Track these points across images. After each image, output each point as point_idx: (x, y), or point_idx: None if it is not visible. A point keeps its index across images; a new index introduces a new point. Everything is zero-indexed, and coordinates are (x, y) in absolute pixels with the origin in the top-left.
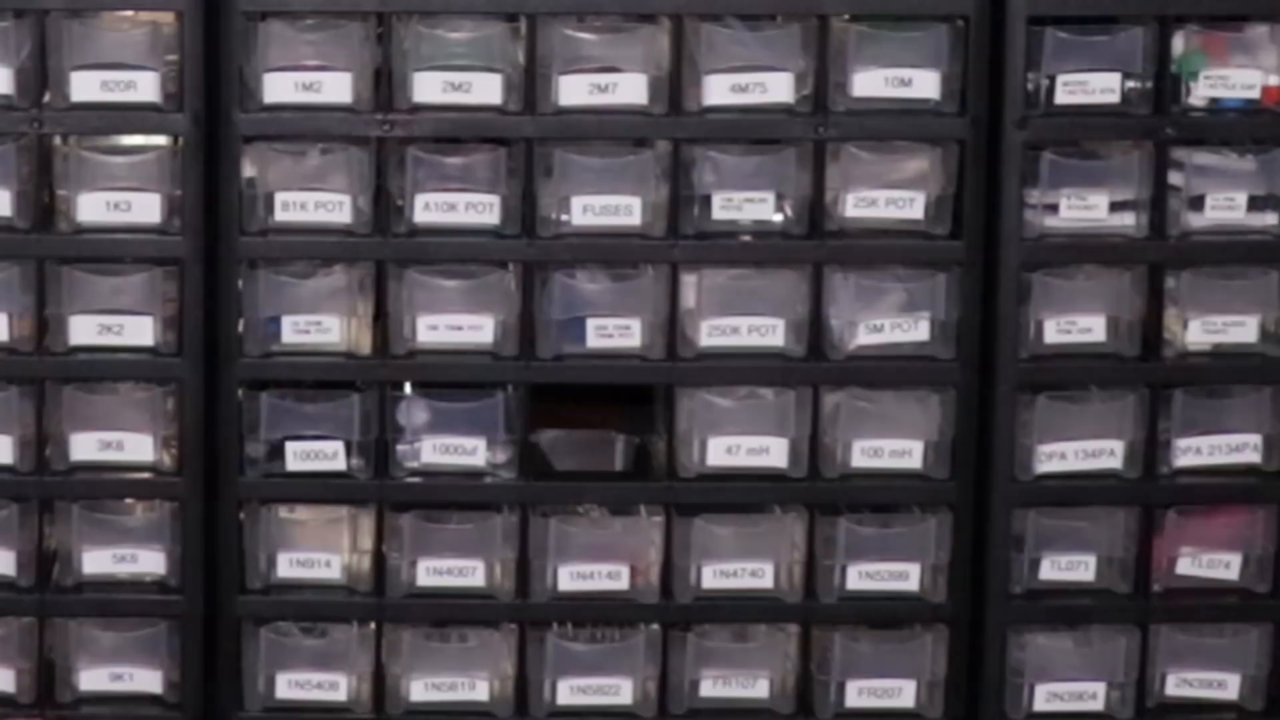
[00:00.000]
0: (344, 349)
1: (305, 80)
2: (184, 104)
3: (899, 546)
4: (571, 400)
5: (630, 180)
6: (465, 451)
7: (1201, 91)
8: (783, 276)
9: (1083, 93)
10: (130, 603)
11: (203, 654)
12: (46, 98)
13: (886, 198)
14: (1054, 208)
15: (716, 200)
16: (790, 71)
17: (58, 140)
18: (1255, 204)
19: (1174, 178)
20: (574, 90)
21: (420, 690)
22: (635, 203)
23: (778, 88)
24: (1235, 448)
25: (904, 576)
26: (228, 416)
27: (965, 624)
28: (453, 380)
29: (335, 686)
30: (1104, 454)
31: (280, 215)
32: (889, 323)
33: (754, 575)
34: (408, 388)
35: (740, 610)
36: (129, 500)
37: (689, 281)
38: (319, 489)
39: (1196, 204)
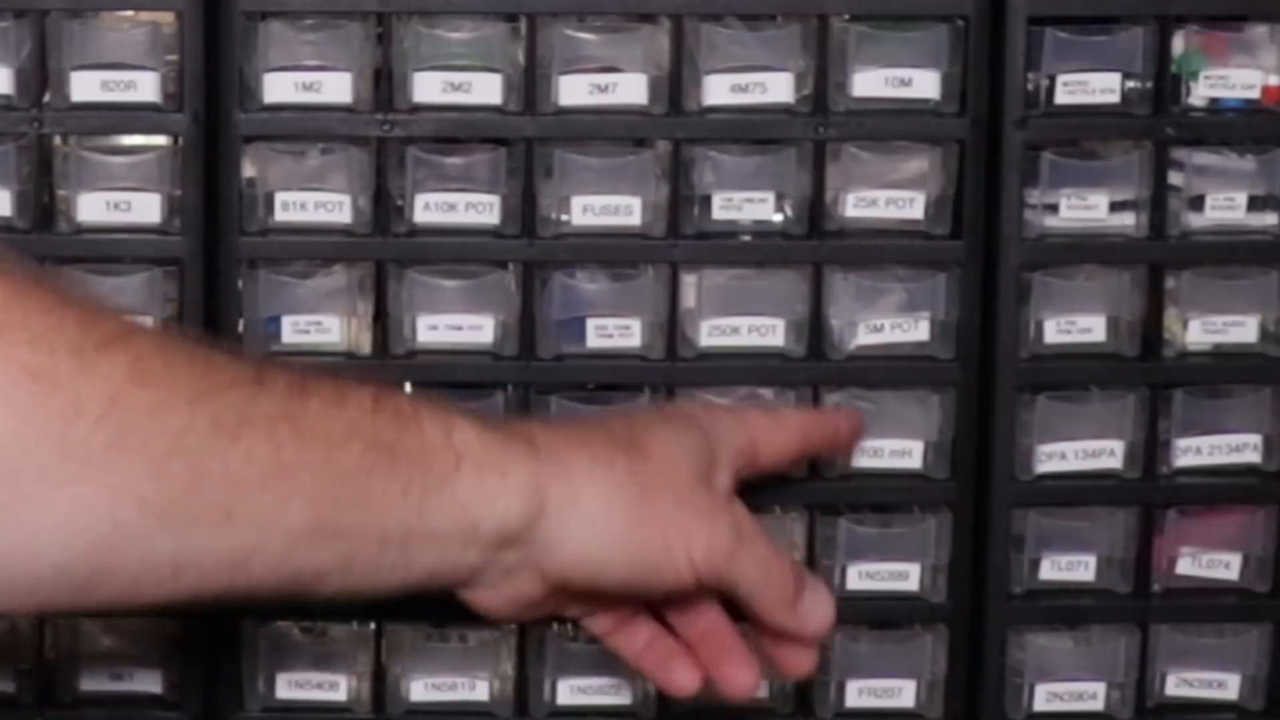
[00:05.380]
0: (344, 349)
1: (305, 80)
2: (184, 104)
3: (899, 546)
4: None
5: (630, 180)
6: None
7: (1201, 91)
8: (783, 276)
9: (1083, 93)
10: None
11: (203, 654)
12: (46, 98)
13: (886, 198)
14: (1054, 208)
15: (716, 200)
16: (790, 71)
17: (58, 140)
18: (1255, 204)
19: (1174, 178)
20: (574, 90)
21: (420, 690)
22: (635, 203)
23: (778, 88)
24: (1235, 448)
25: (904, 576)
26: None
27: (965, 624)
28: (453, 380)
29: (335, 686)
30: (1104, 454)
31: (280, 215)
32: (889, 323)
33: None
34: (408, 388)
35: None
36: None
37: (689, 281)
38: None
39: (1196, 204)
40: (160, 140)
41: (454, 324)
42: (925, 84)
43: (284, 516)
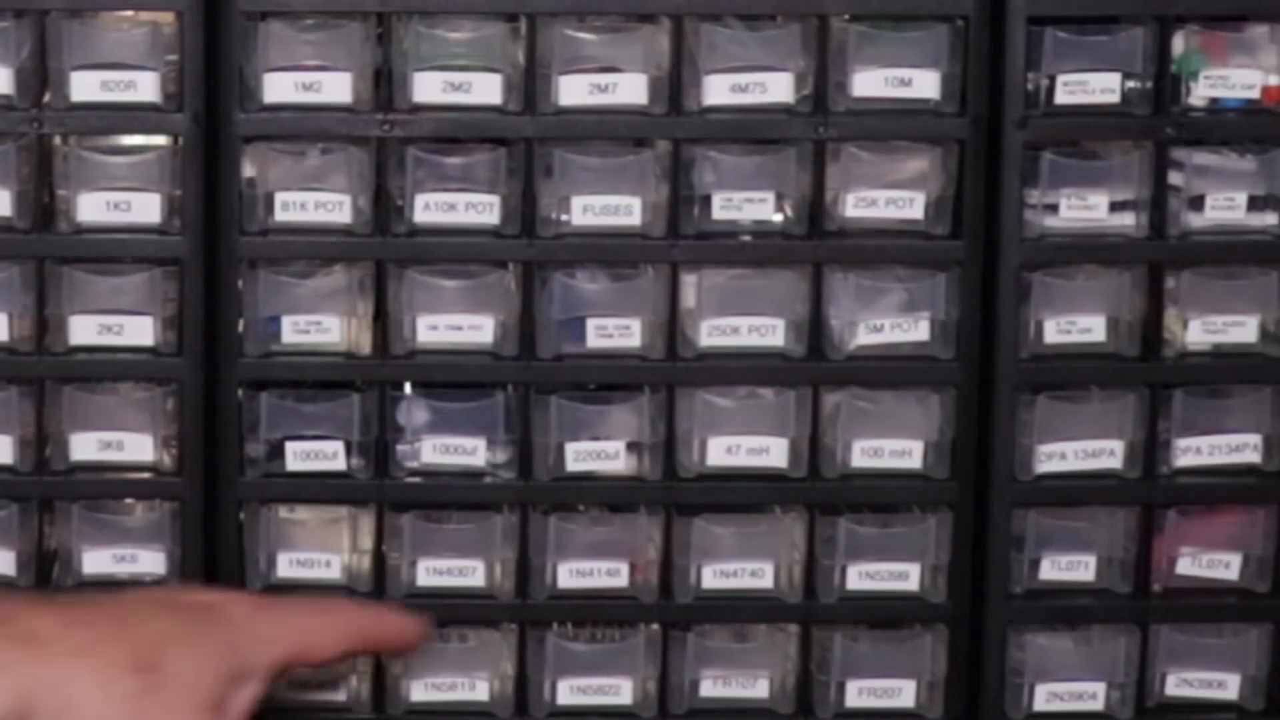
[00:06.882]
0: (344, 349)
1: (305, 80)
2: (184, 104)
3: (899, 546)
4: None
5: (630, 180)
6: (465, 451)
7: (1201, 91)
8: (783, 276)
9: (1083, 93)
10: None
11: None
12: (46, 98)
13: (886, 198)
14: (1054, 208)
15: (716, 200)
16: (790, 71)
17: (58, 140)
18: (1255, 204)
19: (1174, 178)
20: (574, 90)
21: (420, 690)
22: (635, 203)
23: (778, 88)
24: (1235, 448)
25: (904, 576)
26: (228, 416)
27: (965, 624)
28: (453, 380)
29: (335, 687)
30: (1104, 454)
31: (280, 215)
32: (889, 323)
33: (754, 575)
34: (408, 388)
35: (740, 610)
36: (129, 500)
37: (689, 281)
38: (319, 489)
39: (1196, 204)
40: (160, 140)
41: (454, 324)
42: (925, 84)
43: None
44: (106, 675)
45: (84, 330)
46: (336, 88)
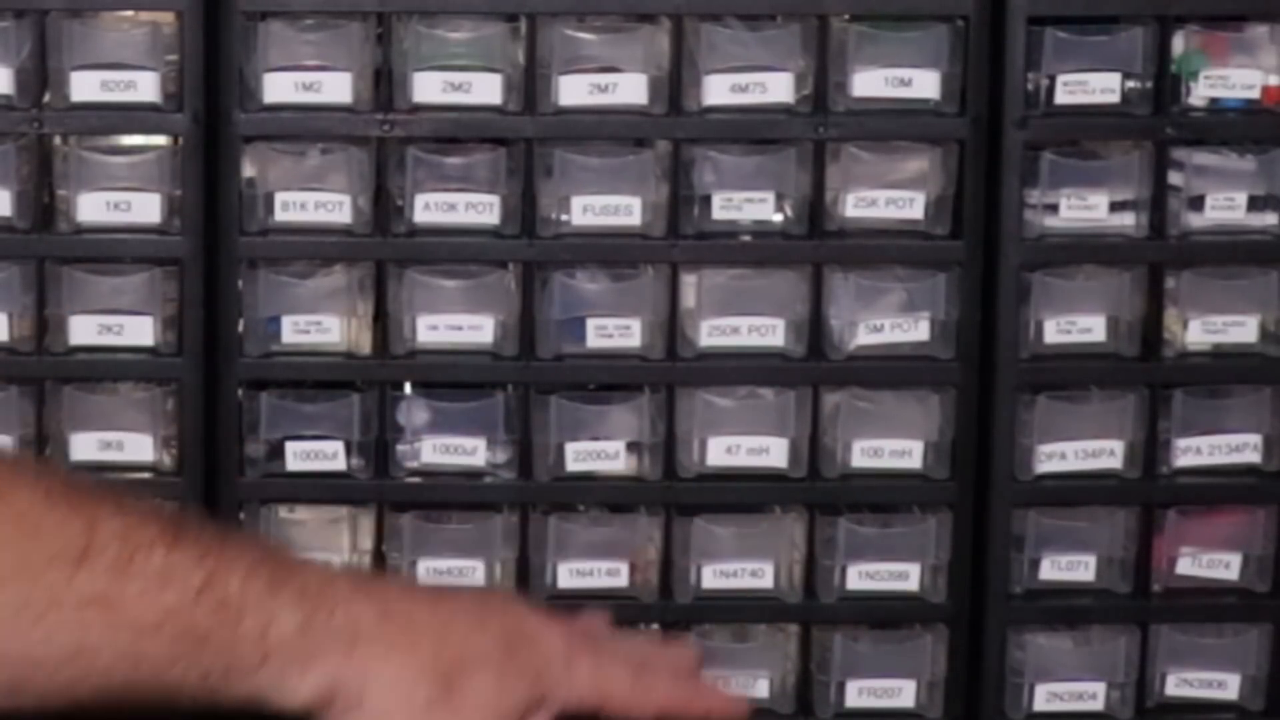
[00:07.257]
0: (344, 349)
1: (305, 80)
2: (184, 104)
3: (899, 546)
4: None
5: (630, 180)
6: (465, 451)
7: (1201, 91)
8: (783, 276)
9: (1083, 93)
10: None
11: None
12: (46, 98)
13: (886, 198)
14: (1054, 208)
15: (716, 200)
16: (790, 71)
17: (58, 140)
18: (1255, 204)
19: (1174, 178)
20: (574, 90)
21: None
22: (635, 203)
23: (778, 88)
24: (1235, 448)
25: (904, 576)
26: (228, 416)
27: (965, 624)
28: (453, 380)
29: None
30: (1104, 454)
31: (280, 215)
32: (889, 323)
33: (754, 575)
34: (408, 388)
35: (740, 610)
36: None
37: (689, 281)
38: (319, 489)
39: (1196, 204)
40: (160, 140)
41: (454, 324)
42: (925, 84)
43: (73, 691)
44: (406, 679)
45: (84, 330)
46: (336, 88)
